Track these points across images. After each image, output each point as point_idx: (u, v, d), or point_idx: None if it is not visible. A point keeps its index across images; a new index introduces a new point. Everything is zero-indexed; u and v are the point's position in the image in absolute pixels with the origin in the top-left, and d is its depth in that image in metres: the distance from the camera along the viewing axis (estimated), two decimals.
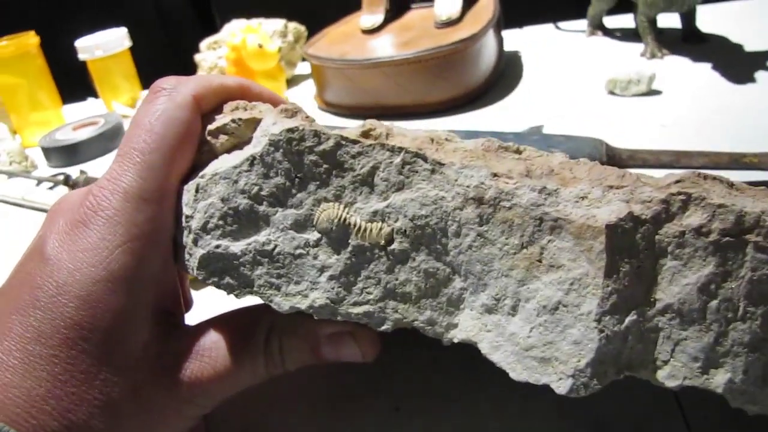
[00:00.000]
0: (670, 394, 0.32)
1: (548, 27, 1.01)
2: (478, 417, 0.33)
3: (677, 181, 0.26)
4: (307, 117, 0.30)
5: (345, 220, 0.28)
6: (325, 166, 0.28)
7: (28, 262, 0.28)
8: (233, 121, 0.30)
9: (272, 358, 0.30)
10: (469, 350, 0.28)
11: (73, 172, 0.73)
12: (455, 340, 0.28)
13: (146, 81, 0.98)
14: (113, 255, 0.27)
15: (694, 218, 0.25)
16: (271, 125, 0.29)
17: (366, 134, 0.29)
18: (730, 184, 0.27)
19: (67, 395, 0.26)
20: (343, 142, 0.28)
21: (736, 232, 0.25)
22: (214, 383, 0.29)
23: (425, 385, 0.35)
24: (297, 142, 0.28)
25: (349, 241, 0.28)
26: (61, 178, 0.71)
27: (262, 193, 0.28)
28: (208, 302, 0.45)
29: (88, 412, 0.27)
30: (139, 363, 0.28)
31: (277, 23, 0.94)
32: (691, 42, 0.81)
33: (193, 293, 0.45)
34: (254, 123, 0.30)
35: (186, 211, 0.29)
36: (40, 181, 0.74)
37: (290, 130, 0.28)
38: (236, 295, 0.29)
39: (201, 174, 0.29)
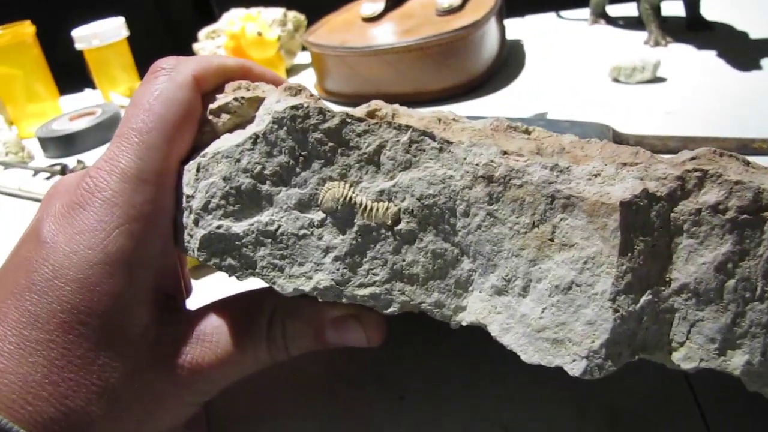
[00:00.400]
0: (683, 380, 0.31)
1: (550, 16, 1.00)
2: (485, 406, 0.32)
3: (693, 158, 0.25)
4: (312, 95, 0.29)
5: (350, 199, 0.27)
6: (330, 144, 0.27)
7: (24, 245, 0.28)
8: (236, 99, 0.30)
9: (275, 343, 0.29)
10: (475, 337, 0.28)
11: (70, 162, 0.73)
12: (464, 323, 0.27)
13: (144, 71, 0.97)
14: (111, 237, 0.26)
15: (710, 195, 0.24)
16: (275, 103, 0.28)
17: (371, 114, 0.28)
18: (746, 162, 0.26)
19: (64, 381, 0.26)
20: (349, 120, 0.27)
21: (753, 210, 0.24)
22: (215, 369, 0.29)
23: (430, 373, 0.34)
24: (301, 119, 0.27)
25: (355, 221, 0.27)
26: (58, 168, 0.71)
27: (266, 172, 0.28)
28: (209, 290, 0.44)
29: (86, 398, 0.26)
30: (138, 348, 0.27)
31: (277, 12, 0.93)
32: (695, 29, 0.80)
33: (193, 282, 0.45)
34: (257, 102, 0.30)
35: (187, 190, 0.28)
36: (36, 172, 0.73)
37: (294, 108, 0.27)
38: (238, 277, 0.28)
39: (202, 153, 0.29)
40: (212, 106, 0.30)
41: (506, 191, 0.26)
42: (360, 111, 0.28)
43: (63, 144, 0.79)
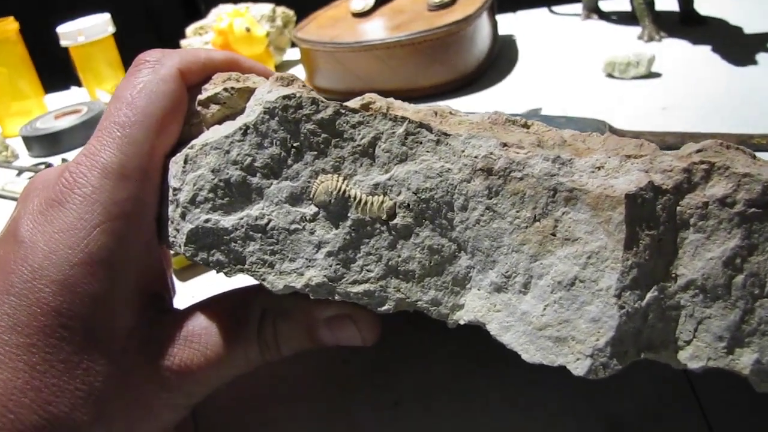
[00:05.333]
0: (686, 385, 0.30)
1: (542, 11, 0.99)
2: (481, 412, 0.31)
3: (699, 150, 0.24)
4: (304, 85, 0.28)
5: (344, 192, 0.26)
6: (323, 135, 0.26)
7: (1, 245, 0.26)
8: (226, 90, 0.29)
9: (267, 343, 0.28)
10: (472, 340, 0.27)
11: (56, 161, 0.71)
12: (461, 322, 0.26)
13: None
14: (92, 236, 0.25)
15: (718, 188, 0.23)
16: (266, 93, 0.27)
17: (366, 107, 0.27)
18: (753, 155, 0.25)
19: (47, 386, 0.24)
20: (343, 111, 0.26)
21: (762, 203, 0.23)
22: (204, 371, 0.27)
23: (425, 378, 0.33)
24: (294, 109, 0.26)
25: (349, 215, 0.26)
26: (43, 167, 0.69)
27: (256, 164, 0.27)
28: (195, 292, 0.43)
29: (70, 404, 0.25)
30: (123, 350, 0.26)
31: (265, 7, 0.92)
32: (689, 24, 0.79)
33: (179, 284, 0.44)
34: (247, 93, 0.29)
35: (173, 183, 0.27)
36: (21, 171, 0.72)
37: (287, 97, 0.26)
38: (226, 273, 0.27)
39: (190, 144, 0.27)
40: (201, 96, 0.29)
41: (506, 184, 0.25)
42: (354, 103, 0.27)
43: (48, 143, 0.77)
